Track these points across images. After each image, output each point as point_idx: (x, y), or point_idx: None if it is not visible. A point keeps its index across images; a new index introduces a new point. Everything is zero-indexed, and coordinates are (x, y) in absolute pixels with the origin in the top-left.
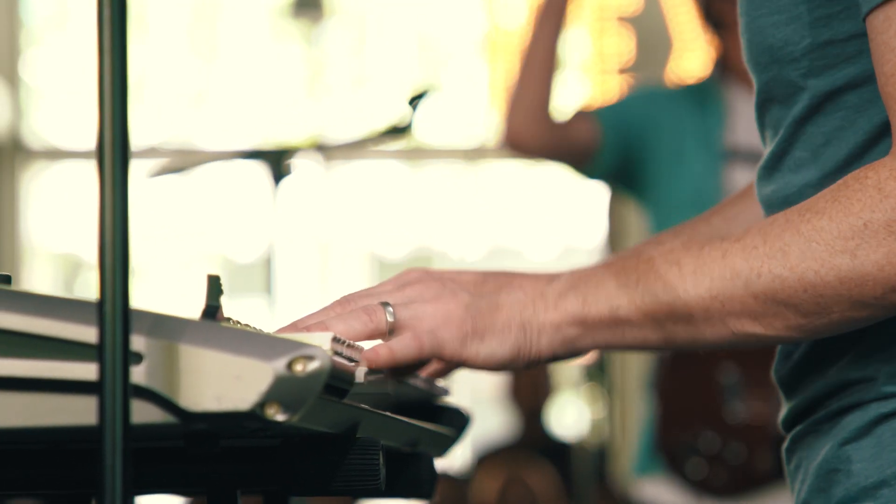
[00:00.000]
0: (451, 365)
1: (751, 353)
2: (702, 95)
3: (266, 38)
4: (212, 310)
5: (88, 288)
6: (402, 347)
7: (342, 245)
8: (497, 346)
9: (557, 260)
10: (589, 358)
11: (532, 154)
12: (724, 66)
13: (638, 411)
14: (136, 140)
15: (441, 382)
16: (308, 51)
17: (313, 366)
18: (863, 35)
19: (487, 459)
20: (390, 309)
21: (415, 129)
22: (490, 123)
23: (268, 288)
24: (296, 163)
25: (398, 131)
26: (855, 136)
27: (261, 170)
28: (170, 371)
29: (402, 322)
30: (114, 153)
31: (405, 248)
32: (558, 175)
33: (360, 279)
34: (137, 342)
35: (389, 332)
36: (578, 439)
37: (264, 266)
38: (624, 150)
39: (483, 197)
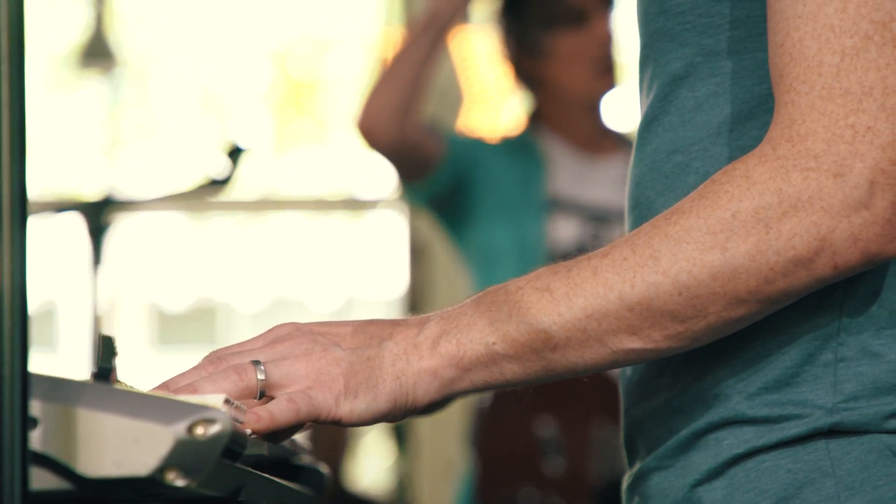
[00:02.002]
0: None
1: (568, 405)
2: (521, 148)
3: (55, 87)
4: (104, 372)
5: None
6: (280, 411)
7: (124, 297)
8: (371, 401)
9: (340, 312)
10: None
11: (379, 148)
12: (539, 120)
13: (440, 460)
14: None
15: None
16: (98, 101)
17: (214, 429)
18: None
19: None
20: (261, 367)
21: (234, 181)
22: (274, 174)
23: (51, 341)
24: (113, 215)
25: (216, 184)
26: (729, 105)
27: (77, 222)
28: (67, 436)
29: (273, 381)
30: (12, 216)
31: (187, 299)
32: (343, 226)
33: (141, 331)
34: (33, 407)
35: (261, 391)
36: (379, 492)
37: (42, 319)
38: (457, 181)
39: (266, 248)
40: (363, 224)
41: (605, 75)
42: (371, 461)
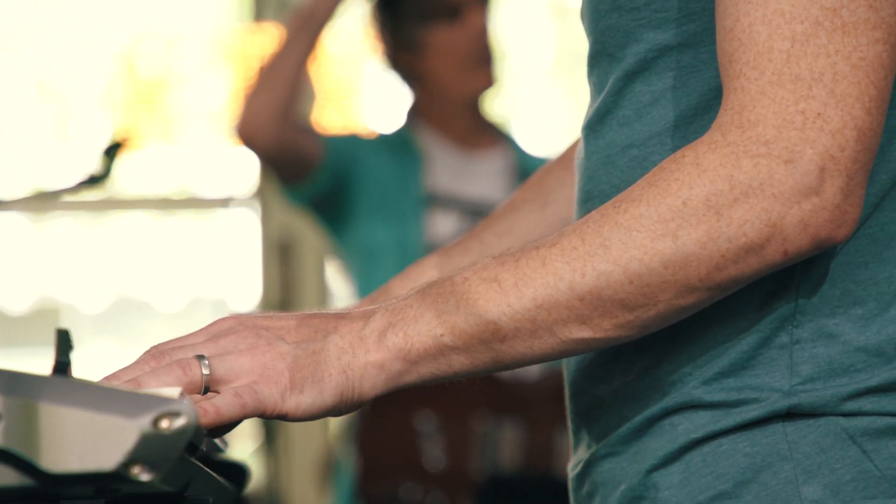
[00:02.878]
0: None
1: (448, 399)
2: (398, 144)
3: None
4: (62, 366)
5: None
6: (226, 405)
7: None
8: (318, 395)
9: (188, 312)
10: None
11: (259, 152)
12: (416, 115)
13: (310, 454)
14: None
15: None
16: None
17: (180, 422)
18: None
19: None
20: (206, 362)
21: (113, 178)
22: (118, 174)
23: None
24: None
25: (94, 181)
26: (686, 97)
27: None
28: (29, 431)
29: (218, 376)
30: None
31: (28, 300)
32: (193, 225)
33: None
34: None
35: (205, 386)
36: (250, 490)
37: None
38: (336, 182)
39: (109, 248)
40: (214, 223)
41: (481, 69)
42: (238, 455)
